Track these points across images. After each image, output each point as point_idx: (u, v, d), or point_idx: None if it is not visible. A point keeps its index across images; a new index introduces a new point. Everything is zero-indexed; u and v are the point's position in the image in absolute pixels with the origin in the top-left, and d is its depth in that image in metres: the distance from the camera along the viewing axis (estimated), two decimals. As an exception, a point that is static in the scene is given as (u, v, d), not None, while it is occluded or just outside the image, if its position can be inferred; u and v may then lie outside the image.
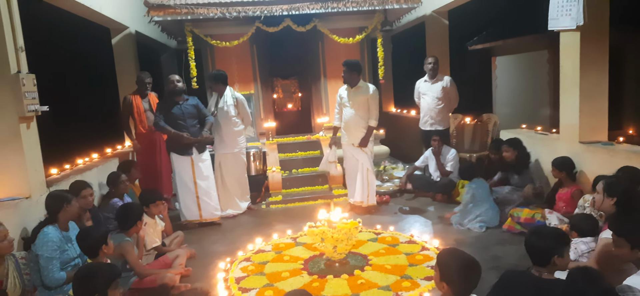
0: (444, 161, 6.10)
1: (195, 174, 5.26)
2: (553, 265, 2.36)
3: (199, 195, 5.27)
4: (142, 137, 5.83)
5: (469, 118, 6.87)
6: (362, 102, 5.30)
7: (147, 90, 5.87)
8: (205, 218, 5.34)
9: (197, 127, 5.31)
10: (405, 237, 4.61)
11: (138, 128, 5.81)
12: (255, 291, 3.60)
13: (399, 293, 3.43)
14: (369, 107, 5.31)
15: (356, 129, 5.34)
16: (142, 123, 5.80)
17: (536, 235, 2.46)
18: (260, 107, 7.51)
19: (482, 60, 11.13)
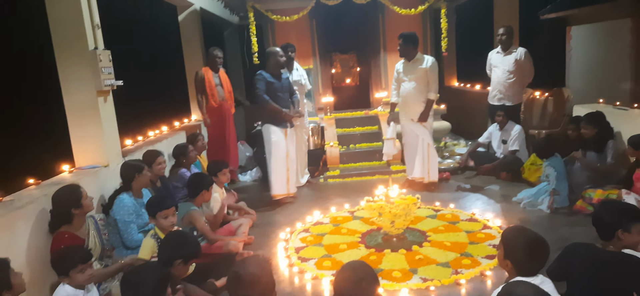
0: (507, 138, 5.81)
1: (289, 148, 5.27)
2: (618, 239, 2.27)
3: (290, 168, 5.28)
4: (213, 111, 5.94)
5: (539, 92, 6.47)
6: (421, 74, 5.14)
7: (218, 65, 5.99)
8: (292, 192, 5.35)
9: (289, 100, 5.32)
10: (466, 215, 4.48)
11: (209, 102, 5.91)
12: (314, 261, 3.69)
13: (459, 270, 3.37)
14: (428, 80, 5.15)
15: (415, 104, 5.20)
16: (214, 98, 5.91)
17: (605, 207, 2.43)
18: (319, 82, 7.53)
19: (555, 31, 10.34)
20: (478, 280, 3.26)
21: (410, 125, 5.30)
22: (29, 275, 2.75)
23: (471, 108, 8.00)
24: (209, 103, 5.93)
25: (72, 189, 3.03)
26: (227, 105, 6.05)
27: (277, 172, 5.19)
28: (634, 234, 2.27)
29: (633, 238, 2.27)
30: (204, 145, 5.41)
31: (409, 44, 5.11)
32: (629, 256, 2.22)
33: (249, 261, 2.03)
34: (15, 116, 10.57)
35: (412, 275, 3.35)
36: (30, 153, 8.68)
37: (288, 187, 5.26)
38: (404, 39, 5.12)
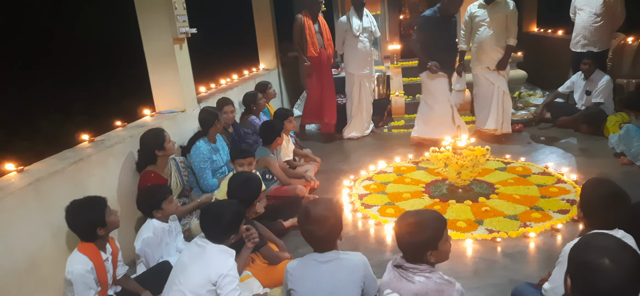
0: (593, 88, 5.35)
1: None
2: None
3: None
4: (312, 60, 5.64)
5: (632, 37, 5.84)
6: (501, 19, 4.83)
7: (318, 11, 5.66)
8: None
9: None
10: (539, 168, 4.29)
11: (309, 50, 5.59)
12: (377, 208, 3.76)
13: (527, 224, 3.27)
14: (508, 25, 4.84)
15: (494, 51, 4.92)
16: (314, 46, 5.59)
17: None
18: (386, 29, 7.31)
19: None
20: (548, 234, 3.16)
21: (486, 73, 5.04)
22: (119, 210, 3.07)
23: (551, 56, 7.42)
24: (309, 51, 5.60)
25: (157, 133, 3.29)
26: (326, 54, 5.76)
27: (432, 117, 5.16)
28: None
29: None
30: (273, 93, 5.54)
31: None
32: None
33: (319, 201, 2.11)
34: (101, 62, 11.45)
35: (477, 225, 3.31)
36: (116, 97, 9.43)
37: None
38: None
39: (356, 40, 5.54)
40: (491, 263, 2.90)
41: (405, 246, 1.91)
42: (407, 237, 1.89)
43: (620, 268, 1.30)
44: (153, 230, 2.71)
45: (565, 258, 1.72)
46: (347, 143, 5.77)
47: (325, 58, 5.73)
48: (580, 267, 1.39)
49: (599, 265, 1.32)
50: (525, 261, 2.91)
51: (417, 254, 1.89)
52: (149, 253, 2.67)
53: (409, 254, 1.92)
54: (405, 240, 1.91)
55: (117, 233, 2.88)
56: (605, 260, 1.31)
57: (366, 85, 5.76)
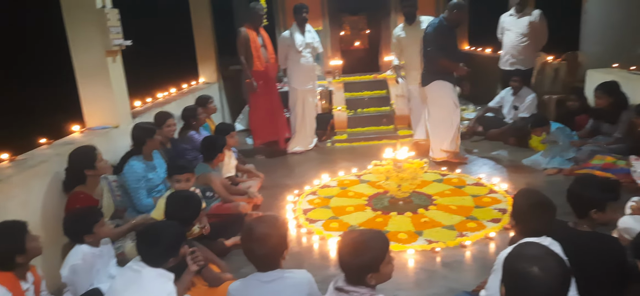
0: (520, 104, 5.74)
1: None
2: (590, 219, 2.20)
3: None
4: (258, 75, 5.44)
5: (552, 56, 6.34)
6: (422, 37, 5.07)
7: (260, 24, 5.47)
8: None
9: None
10: (473, 179, 4.51)
11: (255, 64, 5.40)
12: (321, 222, 3.76)
13: (464, 233, 3.41)
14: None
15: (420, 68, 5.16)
16: (260, 60, 5.42)
17: (580, 182, 2.29)
18: (328, 45, 7.42)
19: (570, -8, 10.02)
20: (482, 243, 3.32)
21: (418, 88, 5.26)
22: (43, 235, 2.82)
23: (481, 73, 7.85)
24: (255, 65, 5.41)
25: (87, 150, 3.08)
26: (272, 68, 5.61)
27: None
28: (608, 213, 2.20)
29: (607, 217, 2.20)
30: (214, 108, 5.41)
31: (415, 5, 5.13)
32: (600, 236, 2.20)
33: (263, 218, 2.06)
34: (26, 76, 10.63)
35: (417, 236, 3.40)
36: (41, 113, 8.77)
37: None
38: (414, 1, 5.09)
39: (299, 55, 5.57)
40: (431, 273, 2.99)
41: (346, 267, 1.85)
42: (348, 258, 1.83)
43: (549, 275, 1.39)
44: (82, 255, 2.51)
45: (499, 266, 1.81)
46: (291, 158, 5.75)
47: (271, 72, 5.65)
48: (513, 276, 1.47)
49: (529, 274, 1.40)
50: (463, 270, 3.03)
51: (358, 276, 1.83)
52: (77, 281, 2.47)
53: (350, 276, 1.86)
54: (346, 261, 1.84)
55: (41, 261, 2.65)
56: (535, 269, 1.40)
57: (310, 99, 5.81)
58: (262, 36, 5.58)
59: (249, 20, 5.48)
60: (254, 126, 5.86)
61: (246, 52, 5.40)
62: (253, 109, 5.73)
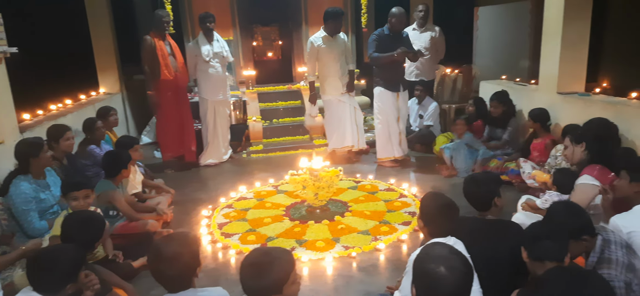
0: (424, 112, 6.14)
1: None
2: (495, 206, 2.45)
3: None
4: (167, 85, 5.16)
5: (450, 69, 6.88)
6: (343, 49, 5.35)
7: (165, 31, 5.16)
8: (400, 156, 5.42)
9: None
10: (385, 185, 4.69)
11: (163, 73, 5.11)
12: (237, 236, 3.65)
13: (378, 237, 3.53)
14: (347, 54, 5.41)
15: (341, 78, 5.35)
16: (168, 69, 5.13)
17: (475, 182, 2.52)
18: (240, 55, 7.32)
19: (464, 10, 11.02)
20: (395, 245, 3.46)
21: (337, 97, 5.40)
22: None
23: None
24: (163, 75, 5.11)
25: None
26: (181, 78, 5.32)
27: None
28: (503, 198, 2.50)
29: (503, 201, 2.49)
30: (115, 121, 5.03)
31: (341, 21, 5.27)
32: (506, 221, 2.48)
33: (172, 236, 1.94)
34: None
35: (335, 243, 3.45)
36: None
37: None
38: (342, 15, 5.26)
39: (207, 65, 5.41)
40: (348, 279, 3.04)
41: (249, 290, 1.72)
42: (250, 281, 1.70)
43: (455, 274, 1.50)
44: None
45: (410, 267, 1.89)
46: (204, 171, 5.54)
47: (181, 82, 5.38)
48: (422, 276, 1.55)
49: (437, 273, 1.49)
50: (378, 273, 3.12)
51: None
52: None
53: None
54: (248, 284, 1.71)
55: None
56: (442, 268, 1.50)
57: (221, 110, 5.65)
58: (170, 44, 5.30)
59: (154, 28, 5.17)
60: (162, 138, 5.55)
61: (152, 61, 5.09)
62: (161, 121, 5.43)
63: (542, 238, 2.00)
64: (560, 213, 2.21)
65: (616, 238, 2.19)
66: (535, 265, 2.01)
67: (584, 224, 2.16)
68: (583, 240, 2.14)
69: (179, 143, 5.53)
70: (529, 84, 5.58)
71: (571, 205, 2.33)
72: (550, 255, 1.96)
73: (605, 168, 2.95)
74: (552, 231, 2.03)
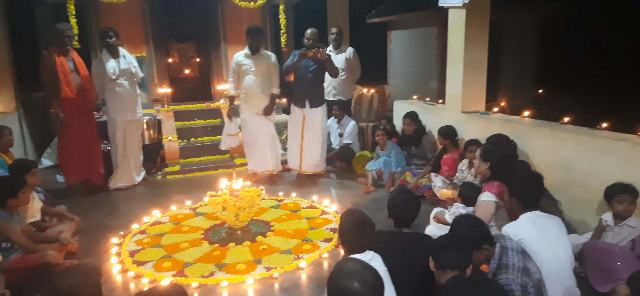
0: (343, 131, 6.30)
1: (304, 127, 5.35)
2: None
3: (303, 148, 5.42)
4: (69, 104, 4.79)
5: (366, 89, 7.16)
6: (265, 69, 5.26)
7: (67, 46, 4.80)
8: (305, 170, 5.51)
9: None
10: (307, 202, 4.72)
11: (64, 91, 4.74)
12: (151, 264, 3.43)
13: (300, 256, 3.52)
14: (271, 75, 5.30)
15: (261, 97, 5.28)
16: (70, 87, 4.78)
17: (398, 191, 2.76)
18: (154, 72, 7.01)
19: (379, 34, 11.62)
20: (317, 263, 3.47)
21: (255, 118, 5.34)
22: None
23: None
24: (64, 93, 4.74)
25: None
26: (86, 96, 4.98)
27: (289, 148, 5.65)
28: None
29: None
30: (10, 141, 4.54)
31: (261, 38, 5.26)
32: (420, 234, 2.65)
33: (71, 270, 1.79)
34: None
35: (256, 265, 3.38)
36: None
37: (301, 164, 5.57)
38: (259, 32, 5.24)
39: (114, 83, 5.08)
40: (271, 301, 2.99)
41: None
42: None
43: (367, 287, 1.55)
44: None
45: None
46: (114, 195, 5.17)
47: (86, 100, 5.00)
48: (335, 292, 1.58)
49: (350, 289, 1.53)
50: (301, 292, 3.10)
51: None
52: None
53: None
54: None
55: None
56: (355, 283, 1.54)
57: (132, 130, 5.33)
58: (73, 60, 4.92)
59: (54, 42, 4.77)
60: (65, 161, 5.09)
61: (51, 78, 4.69)
62: (63, 142, 5.00)
63: (447, 249, 2.14)
64: (462, 225, 2.39)
65: (513, 245, 2.41)
66: (439, 273, 2.14)
67: (483, 234, 2.35)
68: (484, 249, 2.33)
69: (84, 166, 5.11)
70: (437, 104, 5.98)
71: (471, 217, 2.53)
72: (451, 264, 2.09)
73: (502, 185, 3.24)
74: (455, 242, 2.18)
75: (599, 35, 9.40)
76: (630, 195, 2.98)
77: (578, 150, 3.63)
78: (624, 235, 2.96)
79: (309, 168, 5.56)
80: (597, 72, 9.25)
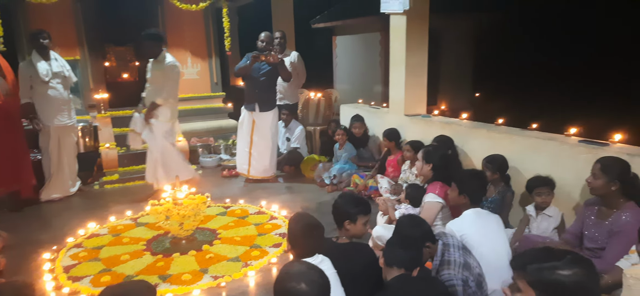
0: (291, 135, 6.30)
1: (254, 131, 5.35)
2: (345, 229, 2.60)
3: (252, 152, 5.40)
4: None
5: (313, 93, 7.20)
6: (158, 76, 4.90)
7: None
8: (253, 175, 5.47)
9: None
10: (255, 208, 4.66)
11: None
12: (89, 279, 3.23)
13: (248, 263, 3.46)
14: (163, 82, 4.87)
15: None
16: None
17: (341, 197, 2.71)
18: (89, 76, 6.64)
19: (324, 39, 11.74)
20: (266, 269, 3.42)
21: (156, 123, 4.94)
22: None
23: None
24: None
25: None
26: (13, 101, 4.63)
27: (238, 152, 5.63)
28: (359, 225, 2.58)
29: (358, 228, 2.60)
30: None
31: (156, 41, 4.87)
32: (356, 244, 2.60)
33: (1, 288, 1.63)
34: None
35: (202, 275, 3.28)
36: None
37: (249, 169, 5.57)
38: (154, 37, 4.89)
39: (46, 86, 4.77)
40: (219, 310, 2.91)
41: None
42: None
43: (314, 287, 1.56)
44: None
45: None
46: (46, 207, 4.83)
47: (13, 106, 4.65)
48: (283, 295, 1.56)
49: (298, 290, 1.54)
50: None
51: None
52: None
53: None
54: None
55: None
56: (302, 284, 1.54)
57: (66, 137, 5.01)
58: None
59: None
60: None
61: None
62: None
63: (396, 247, 2.19)
64: (405, 225, 2.46)
65: (454, 241, 2.51)
66: (386, 270, 2.19)
67: (425, 233, 2.44)
68: (426, 246, 2.41)
69: (12, 177, 4.73)
70: (381, 107, 6.13)
71: (414, 217, 2.61)
72: (399, 262, 2.15)
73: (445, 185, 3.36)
74: (403, 242, 2.24)
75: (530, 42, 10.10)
76: (548, 187, 3.22)
77: (511, 150, 3.85)
78: (546, 225, 3.18)
79: (258, 173, 5.50)
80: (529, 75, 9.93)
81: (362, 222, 2.59)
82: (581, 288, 1.36)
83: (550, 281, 1.37)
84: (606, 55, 8.76)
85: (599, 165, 2.71)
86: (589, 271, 1.39)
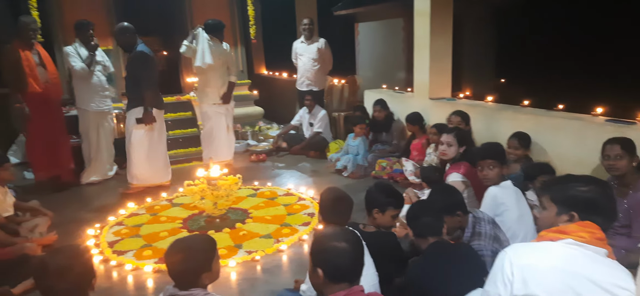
0: (314, 120, 6.42)
1: None
2: (372, 217, 2.65)
3: None
4: (35, 98, 4.70)
5: (337, 79, 7.30)
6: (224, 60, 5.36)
7: (32, 40, 4.72)
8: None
9: None
10: (283, 190, 4.81)
11: (31, 86, 4.65)
12: (132, 253, 3.46)
13: (280, 239, 3.63)
14: (229, 65, 5.42)
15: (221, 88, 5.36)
16: (36, 81, 4.68)
17: (378, 186, 2.73)
18: (121, 65, 6.89)
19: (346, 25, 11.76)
20: (297, 245, 3.58)
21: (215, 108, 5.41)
22: None
23: (280, 95, 8.51)
24: (31, 87, 4.65)
25: None
26: (53, 90, 4.90)
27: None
28: (387, 216, 2.60)
29: (385, 219, 2.64)
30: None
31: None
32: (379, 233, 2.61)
33: (60, 250, 1.83)
34: None
35: (237, 250, 3.46)
36: None
37: None
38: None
39: (89, 74, 5.02)
40: (253, 281, 3.08)
41: (179, 275, 1.88)
42: (179, 266, 1.88)
43: (353, 245, 1.67)
44: None
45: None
46: (86, 190, 5.11)
47: (53, 94, 4.91)
48: (325, 254, 1.67)
49: (339, 249, 1.64)
50: (282, 273, 3.21)
51: (191, 280, 1.88)
52: None
53: (182, 282, 1.89)
54: (178, 269, 1.88)
55: None
56: (343, 243, 1.66)
57: (105, 122, 5.27)
58: (38, 53, 4.81)
59: (18, 36, 4.67)
60: (33, 158, 4.99)
61: (16, 73, 4.59)
62: (31, 138, 4.90)
63: (420, 217, 2.29)
64: (438, 193, 2.56)
65: (484, 216, 2.60)
66: (420, 241, 2.29)
67: (457, 201, 2.53)
68: (457, 215, 2.50)
69: (53, 162, 5.02)
70: (405, 92, 6.19)
71: (447, 186, 2.71)
72: (429, 230, 2.25)
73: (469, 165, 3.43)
74: (426, 209, 2.34)
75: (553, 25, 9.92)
76: (549, 175, 3.22)
77: (537, 130, 3.89)
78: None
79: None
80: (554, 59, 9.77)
81: (391, 214, 2.60)
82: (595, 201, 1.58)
83: (569, 196, 1.62)
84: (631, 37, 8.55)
85: (618, 145, 2.78)
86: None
